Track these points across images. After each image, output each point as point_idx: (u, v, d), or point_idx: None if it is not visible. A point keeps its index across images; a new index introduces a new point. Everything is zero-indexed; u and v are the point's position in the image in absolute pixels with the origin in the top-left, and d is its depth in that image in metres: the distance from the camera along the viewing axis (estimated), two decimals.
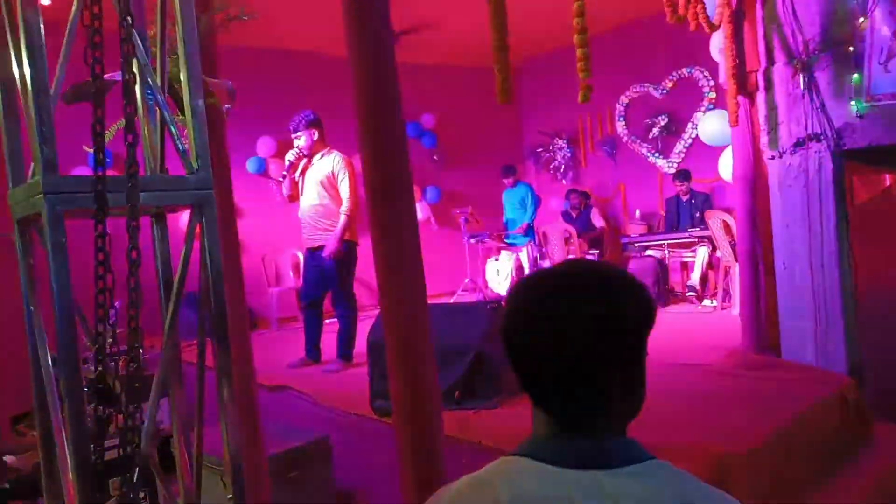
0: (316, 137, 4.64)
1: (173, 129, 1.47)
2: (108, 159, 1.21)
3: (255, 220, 7.29)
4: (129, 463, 1.12)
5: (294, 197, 4.75)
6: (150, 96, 1.53)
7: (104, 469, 1.16)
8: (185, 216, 1.49)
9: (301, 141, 4.63)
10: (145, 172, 1.51)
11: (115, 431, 1.20)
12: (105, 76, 1.20)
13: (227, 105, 2.31)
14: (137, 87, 1.46)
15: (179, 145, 1.47)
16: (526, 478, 0.81)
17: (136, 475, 1.12)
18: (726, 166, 5.63)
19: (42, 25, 1.25)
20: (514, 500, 0.79)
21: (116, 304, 1.19)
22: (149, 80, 1.45)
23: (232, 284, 2.10)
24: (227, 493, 1.44)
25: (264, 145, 7.58)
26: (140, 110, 1.53)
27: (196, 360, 1.51)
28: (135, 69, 1.35)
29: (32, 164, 1.30)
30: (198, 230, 1.46)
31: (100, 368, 1.16)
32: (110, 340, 1.14)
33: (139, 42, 1.37)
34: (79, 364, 1.20)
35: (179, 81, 1.51)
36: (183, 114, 1.53)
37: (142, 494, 1.20)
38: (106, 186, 1.11)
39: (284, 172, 4.71)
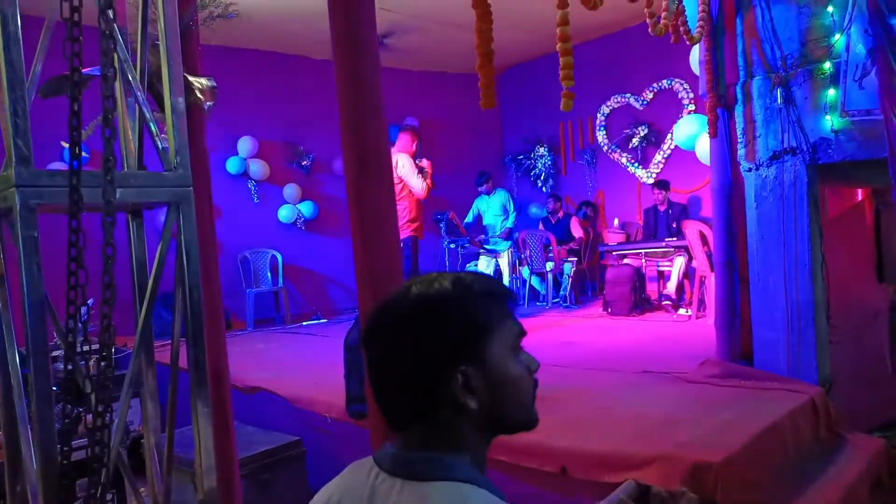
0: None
1: (153, 126, 1.45)
2: (85, 155, 1.19)
3: (233, 221, 7.22)
4: (97, 464, 1.10)
5: None
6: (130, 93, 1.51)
7: (71, 470, 1.14)
8: (162, 214, 1.48)
9: None
10: (123, 168, 1.48)
11: (83, 432, 1.17)
12: (83, 71, 1.18)
13: (208, 103, 2.29)
14: (117, 83, 1.44)
15: (158, 142, 1.46)
16: (352, 473, 0.91)
17: (103, 476, 1.10)
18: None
19: (19, 16, 1.23)
20: (327, 490, 0.91)
21: (89, 301, 1.17)
22: (128, 75, 1.44)
23: (208, 284, 2.08)
24: (197, 495, 1.42)
25: (245, 145, 7.52)
26: (120, 106, 1.51)
27: (169, 361, 1.49)
28: (114, 64, 1.34)
29: (6, 158, 1.28)
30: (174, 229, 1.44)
31: (70, 366, 1.14)
32: (81, 338, 1.12)
33: (119, 37, 1.36)
34: (48, 362, 1.17)
35: (160, 77, 1.49)
36: (163, 111, 1.51)
37: (109, 496, 1.18)
38: (80, 181, 1.09)
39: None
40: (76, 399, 1.18)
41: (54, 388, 1.20)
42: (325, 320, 7.30)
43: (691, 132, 6.32)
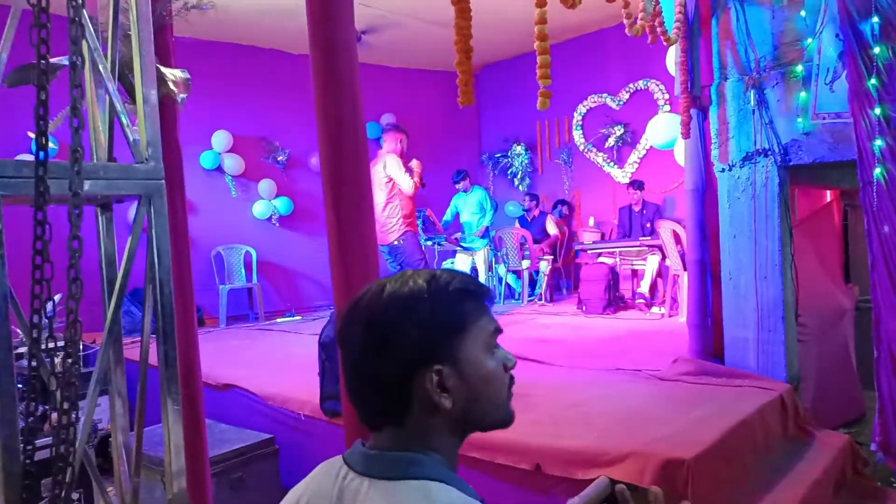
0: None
1: (124, 118, 1.42)
2: (54, 147, 1.16)
3: (207, 216, 7.13)
4: (62, 463, 1.07)
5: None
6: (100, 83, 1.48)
7: (35, 469, 1.11)
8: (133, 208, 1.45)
9: None
10: (92, 160, 1.45)
11: (49, 430, 1.14)
12: (52, 59, 1.15)
13: (181, 95, 2.25)
14: (86, 71, 1.40)
15: (130, 134, 1.42)
16: (322, 473, 0.89)
17: (68, 475, 1.07)
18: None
19: None
20: (297, 492, 0.89)
21: (56, 297, 1.14)
22: (99, 65, 1.40)
23: (180, 280, 2.04)
24: (167, 495, 1.39)
25: (220, 140, 7.41)
26: (90, 96, 1.48)
27: (139, 358, 1.46)
28: (82, 52, 1.30)
29: None
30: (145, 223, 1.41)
31: (34, 363, 1.11)
32: (47, 334, 1.09)
33: (89, 24, 1.32)
34: (11, 358, 1.14)
35: (132, 68, 1.46)
36: (135, 102, 1.48)
37: (76, 496, 1.15)
38: (47, 171, 1.06)
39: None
40: (41, 396, 1.15)
41: (19, 386, 1.17)
42: (300, 317, 7.25)
43: (663, 131, 6.40)
